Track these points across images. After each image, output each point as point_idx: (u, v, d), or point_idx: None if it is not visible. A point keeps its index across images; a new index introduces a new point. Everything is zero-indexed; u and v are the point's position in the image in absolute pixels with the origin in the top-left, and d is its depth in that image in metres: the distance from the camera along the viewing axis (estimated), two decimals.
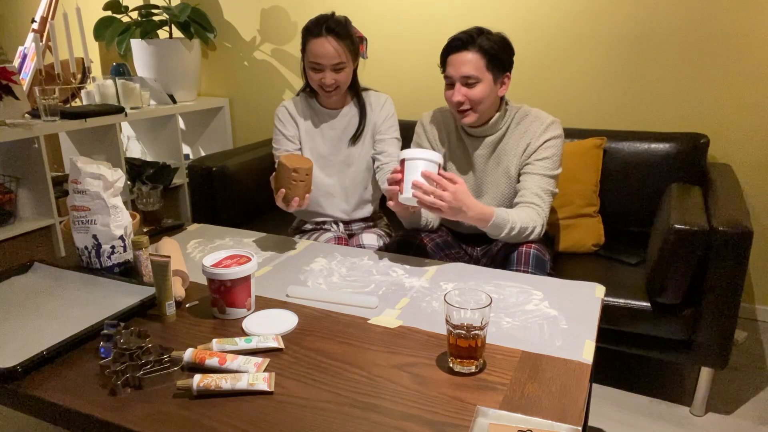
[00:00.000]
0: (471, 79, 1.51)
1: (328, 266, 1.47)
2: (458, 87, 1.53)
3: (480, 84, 1.52)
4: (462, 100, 1.53)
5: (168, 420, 0.89)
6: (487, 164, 1.65)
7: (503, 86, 1.57)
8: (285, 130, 1.82)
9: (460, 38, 1.52)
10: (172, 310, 1.20)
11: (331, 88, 1.70)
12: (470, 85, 1.52)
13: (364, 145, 1.83)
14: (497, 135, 1.63)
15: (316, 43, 1.65)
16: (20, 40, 3.58)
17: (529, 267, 1.47)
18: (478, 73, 1.51)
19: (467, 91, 1.53)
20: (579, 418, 0.88)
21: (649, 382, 1.93)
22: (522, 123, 1.62)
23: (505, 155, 1.63)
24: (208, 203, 2.27)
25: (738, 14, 2.08)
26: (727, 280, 1.55)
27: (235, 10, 3.01)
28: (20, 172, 2.30)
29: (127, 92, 2.66)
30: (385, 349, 1.08)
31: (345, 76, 1.70)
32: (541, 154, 1.57)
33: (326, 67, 1.66)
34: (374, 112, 1.82)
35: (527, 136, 1.60)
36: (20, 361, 1.00)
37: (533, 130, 1.59)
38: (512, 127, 1.63)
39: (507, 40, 1.55)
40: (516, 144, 1.61)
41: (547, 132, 1.58)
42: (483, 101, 1.53)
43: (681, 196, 1.81)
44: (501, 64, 1.53)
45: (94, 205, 1.34)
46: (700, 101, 2.21)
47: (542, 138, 1.57)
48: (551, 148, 1.57)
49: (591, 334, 1.13)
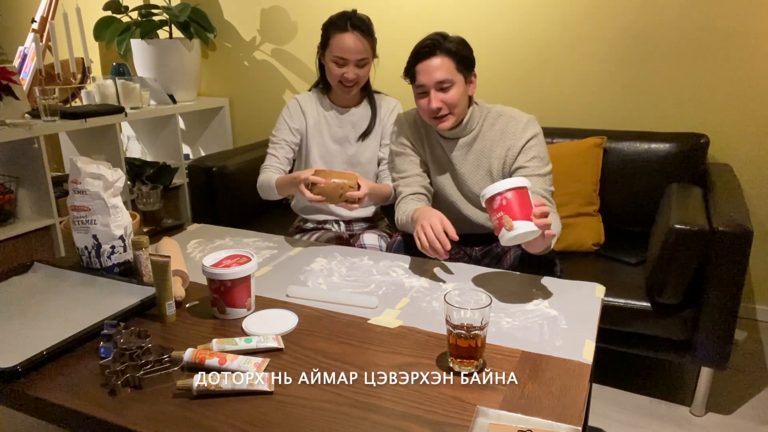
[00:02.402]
0: (445, 83, 1.50)
1: (328, 266, 1.47)
2: (434, 94, 1.51)
3: (454, 87, 1.51)
4: (440, 105, 1.51)
5: (168, 420, 0.89)
6: (464, 165, 1.63)
7: (472, 85, 1.57)
8: (291, 121, 1.82)
9: (426, 45, 1.50)
10: (172, 310, 1.20)
11: (351, 83, 1.72)
12: (445, 89, 1.50)
13: (371, 145, 1.84)
14: (471, 135, 1.61)
15: (342, 38, 1.67)
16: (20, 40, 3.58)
17: (540, 269, 1.46)
18: (451, 76, 1.50)
19: (443, 96, 1.51)
20: (579, 418, 0.88)
21: (649, 382, 1.93)
22: (497, 123, 1.60)
23: (485, 157, 1.60)
24: (208, 203, 2.27)
25: (738, 14, 2.08)
26: (727, 280, 1.55)
27: (235, 10, 3.01)
28: (20, 172, 2.30)
29: (127, 92, 2.66)
30: (385, 349, 1.08)
31: (365, 72, 1.74)
32: (527, 154, 1.54)
33: (350, 62, 1.68)
34: (384, 115, 1.84)
35: (506, 137, 1.57)
36: (20, 361, 1.00)
37: (512, 131, 1.57)
38: (486, 128, 1.61)
39: (465, 40, 1.55)
40: (494, 145, 1.59)
41: (526, 131, 1.55)
42: (459, 103, 1.53)
43: (681, 196, 1.81)
44: (469, 64, 1.54)
45: (94, 205, 1.34)
46: (700, 101, 2.21)
47: (523, 138, 1.55)
48: (535, 146, 1.54)
49: (591, 334, 1.13)
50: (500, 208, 1.19)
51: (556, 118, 2.44)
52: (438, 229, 1.36)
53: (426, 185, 1.67)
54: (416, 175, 1.67)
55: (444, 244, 1.35)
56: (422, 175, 1.68)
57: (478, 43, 2.47)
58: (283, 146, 1.81)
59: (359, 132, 1.83)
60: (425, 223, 1.38)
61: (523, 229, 1.15)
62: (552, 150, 2.12)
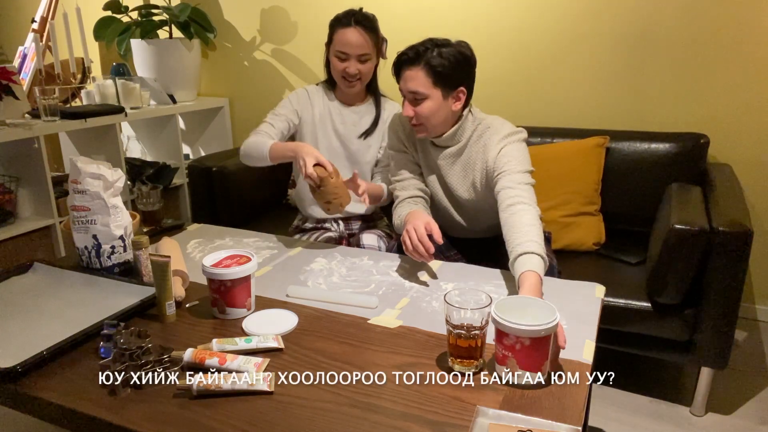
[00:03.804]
0: (418, 96, 1.47)
1: (328, 266, 1.47)
2: (406, 103, 1.50)
3: (427, 100, 1.47)
4: (411, 114, 1.50)
5: (168, 420, 0.89)
6: (451, 173, 1.61)
7: (457, 102, 1.50)
8: (297, 104, 1.82)
9: (407, 54, 1.47)
10: (172, 310, 1.20)
11: (353, 78, 1.73)
12: (417, 101, 1.48)
13: (372, 145, 1.84)
14: (457, 146, 1.58)
15: (344, 32, 1.69)
16: (20, 40, 3.58)
17: None
18: (424, 89, 1.45)
19: (415, 107, 1.49)
20: (579, 418, 0.88)
21: (649, 382, 1.93)
22: (483, 136, 1.56)
23: (471, 169, 1.58)
24: (208, 203, 2.27)
25: (738, 14, 2.08)
26: (727, 280, 1.55)
27: (235, 10, 3.01)
28: (20, 172, 2.30)
29: (127, 92, 2.66)
30: (385, 349, 1.08)
31: (368, 69, 1.74)
32: (500, 160, 1.49)
33: (352, 57, 1.70)
34: (387, 117, 1.84)
35: (486, 149, 1.54)
36: (20, 361, 1.00)
37: (491, 143, 1.53)
38: (474, 140, 1.57)
39: (463, 54, 1.47)
40: (477, 158, 1.56)
41: (501, 142, 1.51)
42: (430, 117, 1.49)
43: (681, 196, 1.81)
44: (450, 80, 1.46)
45: (94, 205, 1.34)
46: (700, 101, 2.21)
47: (497, 148, 1.50)
48: (510, 153, 1.48)
49: (591, 334, 1.13)
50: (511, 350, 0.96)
51: (558, 118, 2.44)
52: (421, 232, 1.37)
53: (423, 188, 1.66)
54: (412, 177, 1.66)
55: (427, 248, 1.36)
56: (418, 177, 1.67)
57: (479, 43, 2.47)
58: (284, 121, 1.79)
59: (360, 130, 1.83)
60: (410, 227, 1.39)
61: (527, 380, 0.97)
62: (553, 150, 2.13)
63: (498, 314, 0.95)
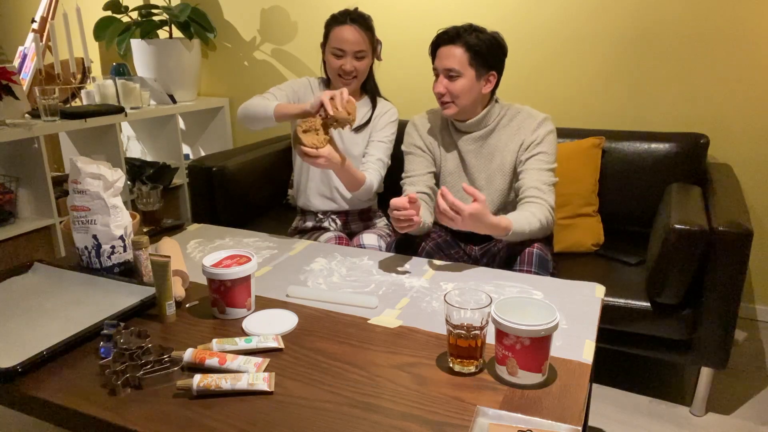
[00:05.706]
0: (452, 72, 1.56)
1: (328, 266, 1.47)
2: (441, 78, 1.60)
3: (461, 78, 1.56)
4: (443, 91, 1.59)
5: (168, 420, 0.89)
6: (478, 160, 1.68)
7: (488, 84, 1.60)
8: (298, 87, 1.87)
9: (447, 32, 1.58)
10: (172, 310, 1.20)
11: (349, 75, 1.76)
12: (452, 78, 1.57)
13: (361, 142, 1.87)
14: (485, 131, 1.66)
15: (340, 30, 1.73)
16: (20, 40, 3.58)
17: (532, 267, 1.48)
18: (459, 67, 1.55)
19: (448, 84, 1.58)
20: (579, 418, 0.88)
21: (649, 382, 1.93)
22: (514, 120, 1.65)
23: (498, 152, 1.66)
24: (208, 203, 2.27)
25: (738, 14, 2.08)
26: (727, 280, 1.55)
27: (235, 10, 3.01)
28: (20, 172, 2.30)
29: (127, 92, 2.66)
30: (385, 349, 1.08)
31: (363, 66, 1.78)
32: (537, 149, 1.60)
33: (348, 54, 1.73)
34: (377, 114, 1.88)
35: (521, 132, 1.63)
36: (20, 361, 1.00)
37: (527, 127, 1.63)
38: (503, 124, 1.66)
39: (498, 40, 1.58)
40: (509, 140, 1.65)
41: (540, 128, 1.61)
42: (462, 95, 1.58)
43: (681, 196, 1.81)
44: (485, 62, 1.57)
45: (94, 205, 1.34)
46: (700, 101, 2.21)
47: (537, 133, 1.61)
48: (546, 143, 1.60)
49: (591, 334, 1.13)
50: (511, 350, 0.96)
51: (556, 118, 2.44)
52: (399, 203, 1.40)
53: (431, 185, 1.72)
54: (422, 175, 1.72)
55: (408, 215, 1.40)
56: (428, 175, 1.73)
57: None
58: (287, 95, 1.83)
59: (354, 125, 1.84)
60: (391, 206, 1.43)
61: (526, 381, 0.97)
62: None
63: (498, 314, 0.95)
